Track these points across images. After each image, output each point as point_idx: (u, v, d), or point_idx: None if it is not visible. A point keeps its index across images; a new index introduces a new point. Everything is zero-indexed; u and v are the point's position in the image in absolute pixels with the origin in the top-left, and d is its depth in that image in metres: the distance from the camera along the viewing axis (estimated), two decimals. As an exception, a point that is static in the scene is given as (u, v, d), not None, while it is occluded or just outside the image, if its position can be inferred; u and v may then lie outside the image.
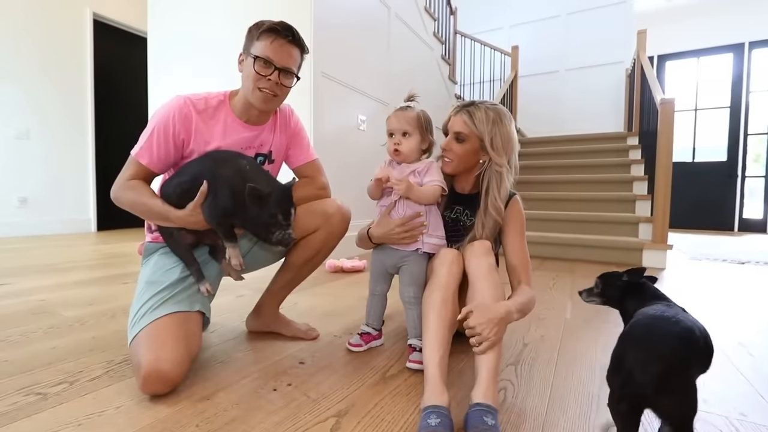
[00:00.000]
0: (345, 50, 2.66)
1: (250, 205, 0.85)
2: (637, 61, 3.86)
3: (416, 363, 0.97)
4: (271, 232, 0.88)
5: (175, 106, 0.93)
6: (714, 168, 5.39)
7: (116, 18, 4.07)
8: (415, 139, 1.01)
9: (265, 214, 0.86)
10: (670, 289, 1.92)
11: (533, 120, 5.19)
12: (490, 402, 0.71)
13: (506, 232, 1.04)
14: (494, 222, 1.01)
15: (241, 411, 0.77)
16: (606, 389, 0.88)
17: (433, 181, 1.00)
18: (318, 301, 1.58)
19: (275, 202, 0.86)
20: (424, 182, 1.00)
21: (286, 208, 0.89)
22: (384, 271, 1.08)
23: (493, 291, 0.86)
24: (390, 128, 1.03)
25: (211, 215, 0.89)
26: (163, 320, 0.85)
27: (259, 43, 0.94)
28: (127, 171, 0.93)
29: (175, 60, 3.04)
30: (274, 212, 0.86)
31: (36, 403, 0.78)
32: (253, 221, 0.87)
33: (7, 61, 3.31)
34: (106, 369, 0.93)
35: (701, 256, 3.00)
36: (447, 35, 4.50)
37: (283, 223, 0.88)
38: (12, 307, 1.40)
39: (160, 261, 0.98)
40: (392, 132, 1.02)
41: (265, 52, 0.94)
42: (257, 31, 0.95)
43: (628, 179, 3.30)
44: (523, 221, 1.06)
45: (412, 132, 1.00)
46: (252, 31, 0.96)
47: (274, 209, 0.86)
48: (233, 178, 0.87)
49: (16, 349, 1.04)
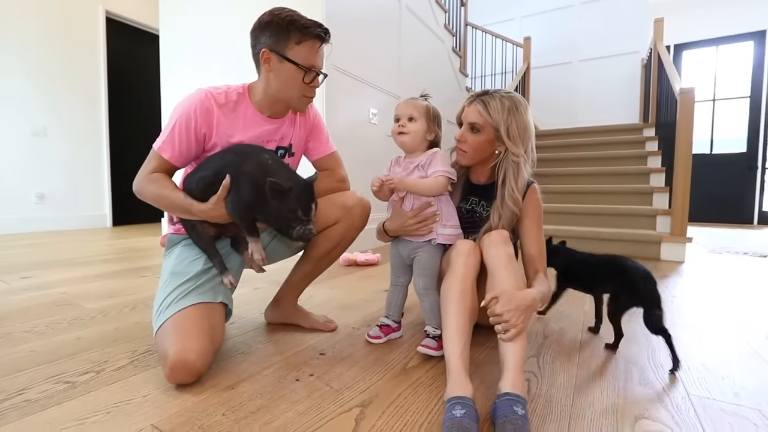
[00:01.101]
0: (356, 43, 2.64)
1: (270, 200, 0.85)
2: (654, 50, 3.77)
3: (426, 348, 0.97)
4: (291, 227, 0.87)
5: (196, 100, 0.93)
6: (733, 160, 5.25)
7: (128, 15, 4.10)
8: (420, 125, 1.00)
9: (285, 209, 0.86)
10: (691, 283, 1.88)
11: (546, 112, 5.11)
12: (518, 392, 0.70)
13: (523, 222, 1.03)
14: (511, 213, 0.99)
15: (266, 400, 0.77)
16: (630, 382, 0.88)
17: (437, 172, 0.98)
18: (334, 294, 1.58)
19: (295, 197, 0.86)
20: (428, 174, 0.99)
21: (306, 204, 0.88)
22: (402, 262, 1.08)
23: (514, 280, 0.85)
24: (397, 113, 1.03)
25: (233, 209, 0.89)
26: (187, 311, 0.85)
27: (301, 50, 0.91)
28: (149, 164, 0.93)
29: (187, 57, 3.06)
30: (293, 207, 0.86)
31: (65, 391, 0.79)
32: (274, 216, 0.87)
33: (22, 60, 3.36)
34: (130, 359, 0.95)
35: (721, 249, 2.93)
36: (458, 27, 4.44)
37: (304, 218, 0.87)
38: (36, 299, 1.43)
39: (183, 252, 0.98)
40: (399, 117, 1.02)
41: (311, 60, 0.93)
42: (298, 33, 0.90)
43: (645, 171, 3.24)
44: (541, 211, 1.04)
45: (418, 118, 1.00)
46: (281, 28, 0.90)
47: (294, 204, 0.86)
48: (255, 172, 0.87)
49: (42, 339, 1.06)
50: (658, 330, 0.95)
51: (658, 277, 1.94)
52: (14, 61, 3.31)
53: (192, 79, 3.03)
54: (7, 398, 0.76)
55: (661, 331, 0.95)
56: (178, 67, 3.14)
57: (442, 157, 1.01)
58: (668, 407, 0.78)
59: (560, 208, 3.09)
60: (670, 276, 2.04)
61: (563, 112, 5.14)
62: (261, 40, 0.93)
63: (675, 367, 0.92)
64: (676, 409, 0.77)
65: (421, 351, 0.98)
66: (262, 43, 0.93)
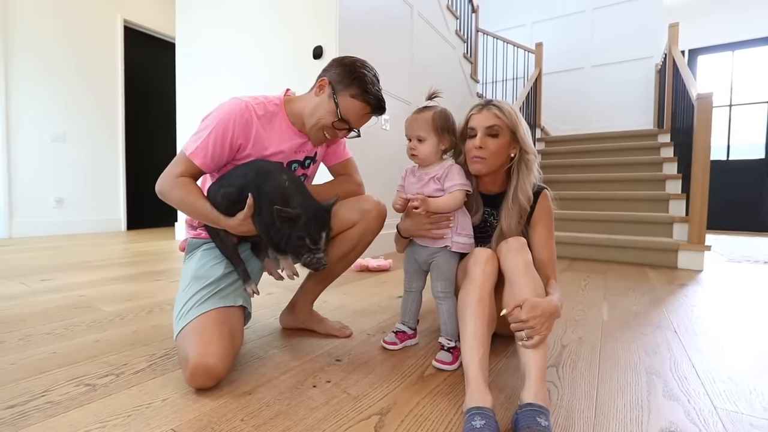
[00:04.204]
0: (368, 50, 2.66)
1: (280, 226, 0.85)
2: (668, 55, 3.73)
3: (441, 362, 0.96)
4: (300, 254, 0.87)
5: (237, 111, 0.93)
6: (750, 166, 5.14)
7: (146, 24, 4.20)
8: (430, 143, 1.00)
9: (294, 236, 0.85)
10: (711, 292, 1.84)
11: (559, 118, 5.08)
12: (541, 402, 0.69)
13: (535, 228, 1.02)
14: (519, 210, 0.99)
15: (284, 406, 0.77)
16: (654, 395, 0.85)
17: (454, 186, 0.98)
18: (347, 299, 1.58)
19: (304, 225, 0.85)
20: (445, 187, 0.99)
21: (316, 232, 0.86)
22: (417, 267, 1.07)
23: (533, 287, 0.83)
24: (406, 133, 1.03)
25: (260, 229, 0.89)
26: (209, 315, 0.86)
27: (351, 103, 0.96)
28: (177, 167, 0.92)
29: (203, 64, 3.12)
30: (301, 235, 0.85)
31: (86, 393, 0.80)
32: (285, 242, 0.87)
33: (43, 67, 3.46)
34: (149, 362, 0.95)
35: (741, 258, 2.86)
36: (469, 33, 4.45)
37: (312, 247, 0.86)
38: (55, 302, 1.45)
39: (204, 256, 0.99)
40: (408, 137, 1.03)
41: (350, 116, 0.97)
42: (357, 89, 0.95)
43: (661, 177, 3.18)
44: (552, 217, 1.04)
45: (426, 136, 0.99)
46: (352, 79, 0.96)
47: (302, 232, 0.85)
48: (274, 194, 0.87)
49: (62, 341, 1.08)
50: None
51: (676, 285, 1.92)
52: (35, 68, 3.40)
53: (206, 87, 3.09)
54: (31, 399, 0.77)
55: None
56: (193, 75, 3.20)
57: (459, 170, 1.01)
58: (695, 421, 0.76)
59: (574, 215, 3.05)
60: (689, 285, 1.99)
61: (576, 118, 5.10)
62: (330, 71, 0.99)
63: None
64: (704, 424, 0.75)
65: (435, 366, 0.96)
66: (329, 73, 0.99)
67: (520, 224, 1.00)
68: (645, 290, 1.86)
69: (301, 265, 0.89)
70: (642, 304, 1.60)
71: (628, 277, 2.17)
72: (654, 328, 1.31)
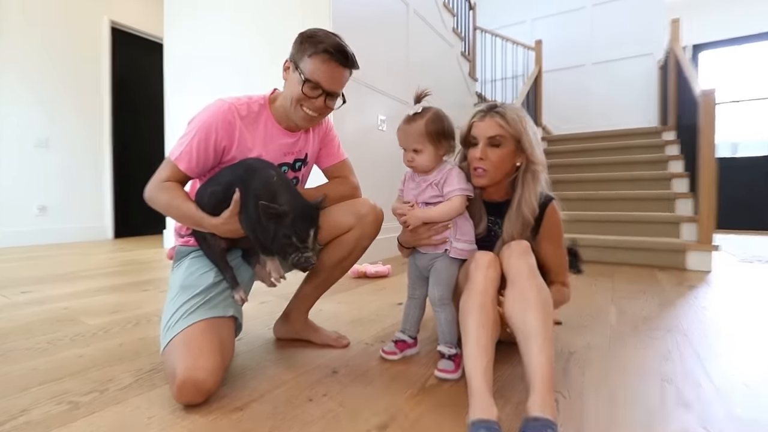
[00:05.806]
0: (364, 49, 2.62)
1: (266, 223, 0.81)
2: (671, 52, 3.68)
3: (444, 372, 0.91)
4: (287, 253, 0.83)
5: (219, 113, 0.91)
6: (758, 163, 5.05)
7: (134, 25, 4.07)
8: (427, 153, 0.95)
9: (281, 234, 0.81)
10: (722, 294, 1.79)
11: (559, 116, 5.03)
12: (548, 416, 0.64)
13: (541, 243, 0.99)
14: (523, 223, 0.95)
15: (278, 422, 0.73)
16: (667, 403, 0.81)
17: (453, 191, 0.94)
18: (344, 308, 1.53)
19: (291, 222, 0.81)
20: (443, 193, 0.95)
21: (303, 230, 0.83)
22: (419, 274, 1.03)
23: (538, 292, 0.79)
24: (400, 144, 0.98)
25: (246, 228, 0.86)
26: (197, 326, 0.82)
27: (311, 63, 0.90)
28: (163, 172, 0.91)
29: (192, 66, 3.07)
30: (288, 233, 0.81)
31: (69, 412, 0.76)
32: (271, 240, 0.83)
33: (26, 70, 3.32)
34: (135, 377, 0.91)
35: (752, 258, 2.79)
36: (467, 31, 4.41)
37: (299, 245, 0.83)
38: (37, 315, 1.39)
39: (193, 264, 0.95)
40: (404, 149, 0.98)
41: (315, 75, 0.91)
42: (311, 47, 0.90)
43: (666, 176, 3.12)
44: (561, 230, 1.00)
45: (422, 147, 0.94)
46: (304, 44, 0.91)
47: (288, 230, 0.81)
48: (261, 190, 0.84)
49: (44, 356, 1.03)
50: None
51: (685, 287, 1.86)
52: (17, 71, 3.28)
53: (196, 89, 3.04)
54: (9, 419, 0.73)
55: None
56: (182, 77, 3.16)
57: (459, 174, 0.96)
58: (711, 430, 0.71)
59: (578, 216, 2.99)
60: (699, 286, 1.94)
61: (577, 116, 5.04)
62: (290, 53, 0.96)
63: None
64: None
65: (438, 376, 0.92)
66: (289, 55, 0.95)
67: (523, 236, 0.96)
68: (654, 293, 1.80)
69: (289, 265, 0.85)
70: (651, 308, 1.55)
71: (636, 280, 2.11)
72: (664, 332, 1.26)
